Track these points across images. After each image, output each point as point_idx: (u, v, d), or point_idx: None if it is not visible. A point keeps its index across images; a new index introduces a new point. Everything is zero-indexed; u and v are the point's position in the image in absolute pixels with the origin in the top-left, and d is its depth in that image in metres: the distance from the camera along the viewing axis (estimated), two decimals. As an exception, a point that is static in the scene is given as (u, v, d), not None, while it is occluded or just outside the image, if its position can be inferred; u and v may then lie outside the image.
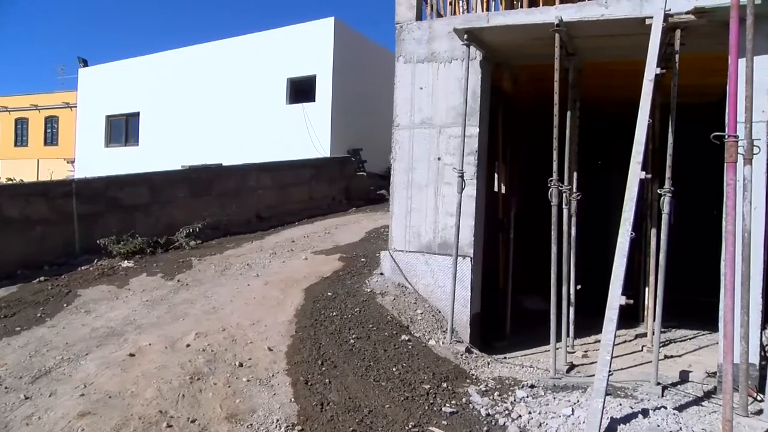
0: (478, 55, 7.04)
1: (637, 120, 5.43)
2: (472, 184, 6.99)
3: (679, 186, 6.15)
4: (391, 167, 7.67)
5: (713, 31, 5.73)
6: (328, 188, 15.62)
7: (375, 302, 7.01)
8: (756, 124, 5.33)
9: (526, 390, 5.69)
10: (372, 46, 20.01)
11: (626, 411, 4.93)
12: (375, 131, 17.97)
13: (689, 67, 6.41)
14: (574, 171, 6.99)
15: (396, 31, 7.61)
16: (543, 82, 6.64)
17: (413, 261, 7.40)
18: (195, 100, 20.49)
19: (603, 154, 12.19)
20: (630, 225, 5.04)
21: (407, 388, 5.46)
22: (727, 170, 4.74)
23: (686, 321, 8.68)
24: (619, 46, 6.70)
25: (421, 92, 7.41)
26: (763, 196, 5.73)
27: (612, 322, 4.82)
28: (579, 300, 7.32)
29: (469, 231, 7.02)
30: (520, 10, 7.23)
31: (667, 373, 6.42)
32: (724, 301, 4.87)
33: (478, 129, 7.04)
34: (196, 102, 20.44)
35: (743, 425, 5.00)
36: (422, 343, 6.49)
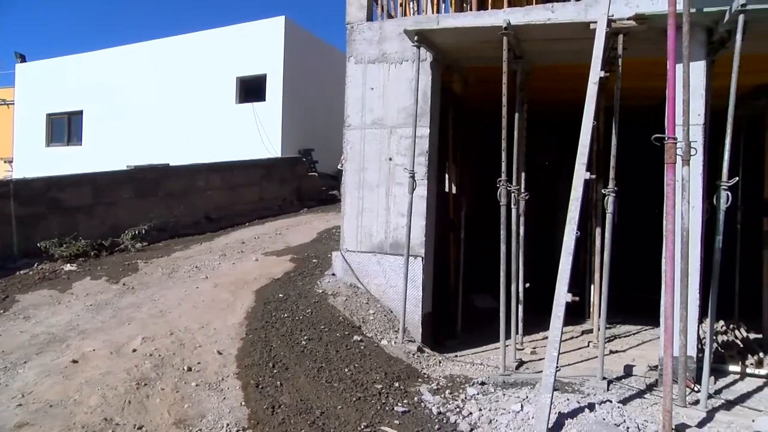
0: (428, 57, 7.09)
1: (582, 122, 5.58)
2: (423, 184, 7.05)
3: (622, 186, 6.36)
4: (343, 168, 7.65)
5: (653, 37, 5.94)
6: (279, 189, 15.47)
7: (327, 303, 6.98)
8: (693, 126, 5.56)
9: (477, 387, 5.77)
10: (323, 46, 19.91)
11: (573, 405, 5.05)
12: (327, 131, 17.91)
13: (632, 71, 6.62)
14: (522, 171, 7.15)
15: (347, 31, 7.60)
16: (492, 84, 6.74)
17: (365, 261, 7.40)
18: (141, 98, 19.95)
19: (550, 155, 12.48)
20: (575, 224, 5.17)
21: (359, 388, 5.46)
22: (667, 171, 4.92)
23: (630, 317, 8.97)
24: (565, 49, 6.87)
25: (372, 93, 7.42)
26: (700, 195, 5.98)
27: (559, 319, 4.93)
28: (528, 298, 7.47)
29: (421, 231, 7.07)
30: (470, 13, 7.33)
31: (612, 367, 6.62)
32: (665, 297, 5.05)
33: (429, 130, 7.10)
34: (143, 101, 19.91)
35: (682, 415, 5.21)
36: (374, 343, 6.50)
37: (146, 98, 19.84)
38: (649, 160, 7.00)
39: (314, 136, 18.46)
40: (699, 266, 5.94)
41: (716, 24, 5.92)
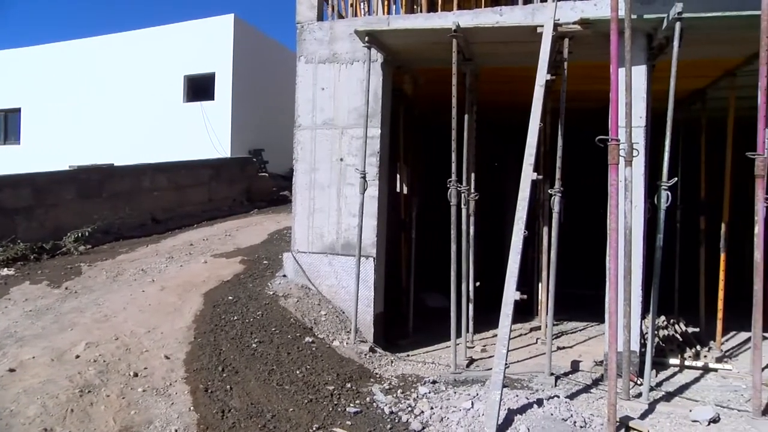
0: (379, 58, 7.11)
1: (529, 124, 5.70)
2: (374, 184, 7.06)
3: (569, 186, 6.52)
4: (294, 168, 7.59)
5: (598, 42, 6.11)
6: (229, 189, 15.22)
7: (278, 305, 6.91)
8: (635, 129, 5.76)
9: (429, 386, 5.81)
10: (274, 45, 19.70)
11: (522, 401, 5.15)
12: (278, 131, 17.71)
13: (577, 75, 6.82)
14: (472, 172, 7.24)
15: (297, 30, 7.54)
16: (442, 86, 6.81)
17: (316, 262, 7.36)
18: (85, 96, 19.28)
19: (500, 156, 12.70)
20: (523, 224, 5.27)
21: (311, 390, 5.42)
22: (611, 171, 5.07)
23: (577, 314, 9.21)
24: (513, 52, 7.00)
25: (323, 93, 7.38)
26: (642, 195, 6.19)
27: (507, 317, 5.02)
28: (479, 296, 7.58)
29: (372, 231, 7.08)
30: (420, 15, 7.38)
31: (560, 363, 6.79)
32: (609, 293, 5.21)
33: (380, 130, 7.12)
34: (86, 98, 19.24)
35: (625, 408, 5.38)
36: (326, 344, 6.47)
37: (90, 96, 19.20)
38: (594, 161, 7.19)
39: (265, 136, 18.25)
40: (641, 263, 6.15)
41: (656, 30, 6.15)
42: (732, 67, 7.32)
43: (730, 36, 6.15)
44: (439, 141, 8.64)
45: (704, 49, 6.57)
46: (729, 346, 7.79)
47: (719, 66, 7.45)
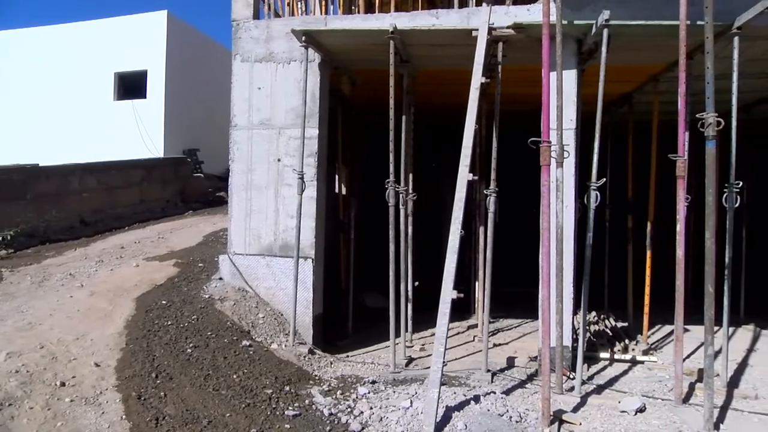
0: (316, 58, 7.07)
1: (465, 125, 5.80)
2: (312, 185, 7.02)
3: (504, 187, 6.67)
4: (230, 168, 7.45)
5: (531, 46, 6.28)
6: (162, 190, 14.80)
7: (214, 308, 6.76)
8: (566, 131, 5.94)
9: (368, 386, 5.82)
10: (209, 43, 19.30)
11: (460, 399, 5.24)
12: (213, 131, 17.36)
13: (511, 78, 6.97)
14: (410, 173, 7.30)
15: (232, 28, 7.40)
16: (380, 87, 6.85)
17: (254, 264, 7.25)
18: (7, 92, 18.32)
19: (437, 157, 12.85)
20: (459, 224, 5.36)
21: (249, 394, 5.33)
22: (543, 172, 5.21)
23: (513, 311, 9.43)
24: (450, 55, 7.10)
25: (259, 92, 7.28)
26: (572, 195, 6.40)
27: (445, 315, 5.09)
28: (418, 296, 7.65)
29: (311, 232, 7.03)
30: (357, 16, 7.39)
31: (496, 360, 6.93)
32: (542, 290, 5.36)
33: (318, 131, 7.08)
34: (9, 95, 18.28)
35: (559, 402, 5.54)
36: (264, 347, 6.38)
37: (13, 92, 18.24)
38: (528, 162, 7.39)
39: (200, 135, 17.85)
40: (573, 262, 6.35)
41: (585, 36, 6.37)
42: (655, 73, 7.67)
43: (653, 43, 6.44)
44: (377, 142, 8.67)
45: (630, 55, 6.85)
46: (655, 339, 8.16)
47: (644, 72, 7.79)
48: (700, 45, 5.21)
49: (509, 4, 6.68)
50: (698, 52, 5.82)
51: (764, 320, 8.84)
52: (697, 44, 5.72)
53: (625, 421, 5.19)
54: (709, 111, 4.98)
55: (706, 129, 4.99)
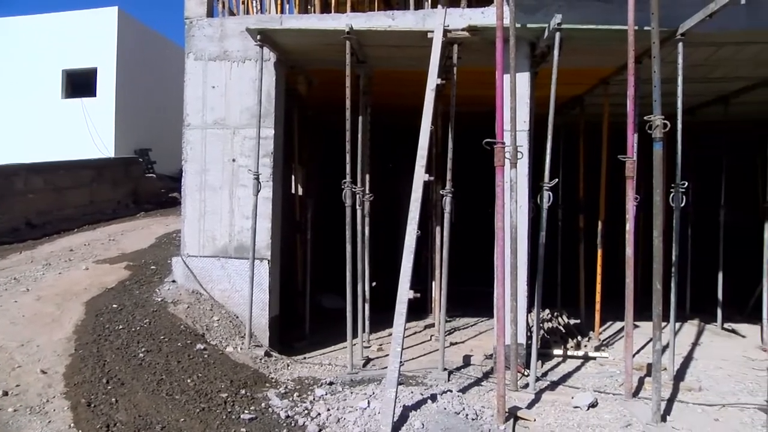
0: (272, 57, 7.01)
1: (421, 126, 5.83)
2: (268, 186, 6.95)
3: (460, 187, 6.73)
4: (183, 169, 7.31)
5: (485, 48, 6.36)
6: (113, 191, 14.41)
7: (167, 312, 6.62)
8: (519, 132, 6.03)
9: (325, 388, 5.79)
10: (161, 40, 18.90)
11: (417, 398, 5.26)
12: (166, 130, 16.98)
13: (466, 80, 7.06)
14: (367, 173, 7.29)
15: (185, 26, 7.27)
16: (336, 87, 6.83)
17: (208, 266, 7.13)
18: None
19: (394, 157, 12.90)
20: (416, 224, 5.39)
21: (204, 398, 5.23)
22: (497, 173, 5.29)
23: (469, 310, 9.54)
24: (406, 56, 7.13)
25: (213, 91, 7.17)
26: (526, 195, 6.51)
27: (402, 315, 5.11)
28: (375, 296, 7.65)
29: (266, 233, 6.96)
30: (313, 16, 7.36)
31: (453, 358, 6.99)
32: (497, 289, 5.44)
33: (274, 131, 7.01)
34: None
35: (514, 398, 5.63)
36: (219, 350, 6.29)
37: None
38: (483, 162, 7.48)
39: (152, 135, 17.45)
40: (527, 260, 6.47)
41: (538, 39, 6.50)
42: (606, 76, 7.88)
43: (603, 47, 6.60)
44: (334, 142, 8.63)
45: (582, 58, 7.01)
46: (606, 336, 8.38)
47: (595, 75, 7.99)
48: (647, 49, 5.38)
49: (464, 7, 6.75)
50: (646, 56, 6.01)
51: (709, 315, 9.18)
52: (644, 49, 5.90)
53: (578, 416, 5.31)
54: (656, 113, 5.13)
55: (653, 131, 5.14)
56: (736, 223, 9.72)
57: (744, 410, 5.50)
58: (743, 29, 6.14)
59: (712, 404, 5.66)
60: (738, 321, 9.17)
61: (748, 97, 8.69)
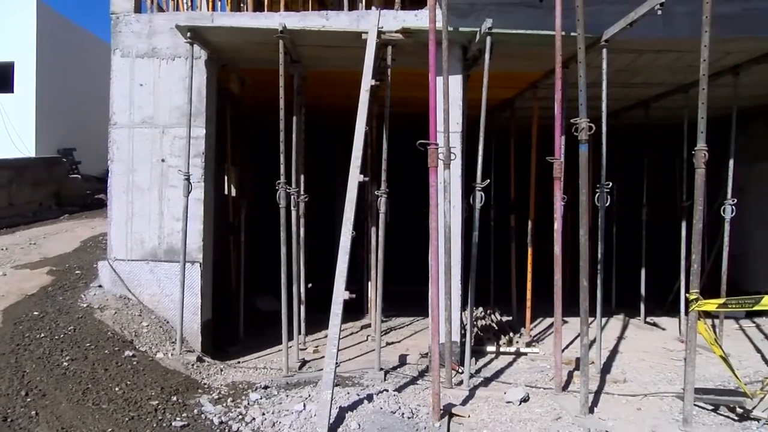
0: (203, 55, 6.85)
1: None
2: (199, 186, 6.78)
3: (395, 188, 6.78)
4: (110, 169, 7.04)
5: (419, 50, 6.41)
6: (33, 193, 13.71)
7: (93, 318, 6.36)
8: (452, 134, 6.14)
9: (260, 392, 5.71)
10: (86, 35, 18.16)
11: (353, 398, 5.27)
12: (91, 129, 16.32)
13: (401, 81, 7.11)
14: (302, 174, 7.24)
15: (111, 21, 7.00)
16: (270, 86, 6.75)
17: (137, 270, 6.89)
18: None
19: (331, 157, 12.85)
20: (351, 224, 5.39)
21: (133, 407, 5.06)
22: (431, 174, 5.35)
23: (405, 309, 9.60)
24: (341, 56, 7.12)
25: (141, 89, 6.94)
26: (459, 196, 6.63)
27: (337, 316, 5.10)
28: (311, 297, 7.60)
29: (198, 235, 6.79)
30: (246, 14, 7.24)
31: (389, 358, 7.03)
32: (431, 288, 5.50)
33: (205, 130, 6.86)
34: None
35: (449, 396, 5.72)
36: (149, 357, 6.09)
37: None
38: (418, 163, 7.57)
39: (77, 134, 16.72)
40: (460, 260, 6.58)
41: (470, 42, 6.63)
42: (535, 80, 8.12)
43: (532, 52, 6.80)
44: (269, 142, 8.52)
45: (512, 62, 7.20)
46: (537, 331, 8.63)
47: (525, 79, 8.22)
48: (574, 55, 5.56)
49: (398, 9, 6.80)
50: (573, 61, 6.22)
51: (632, 310, 9.60)
52: (571, 54, 6.10)
53: (510, 411, 5.44)
54: (582, 117, 5.33)
55: (579, 133, 5.34)
56: (657, 221, 10.23)
57: (663, 398, 5.79)
58: (660, 38, 6.46)
59: (635, 394, 5.92)
60: (659, 315, 9.64)
61: (667, 102, 9.16)
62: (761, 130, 10.24)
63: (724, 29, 5.97)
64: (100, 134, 8.88)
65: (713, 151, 5.03)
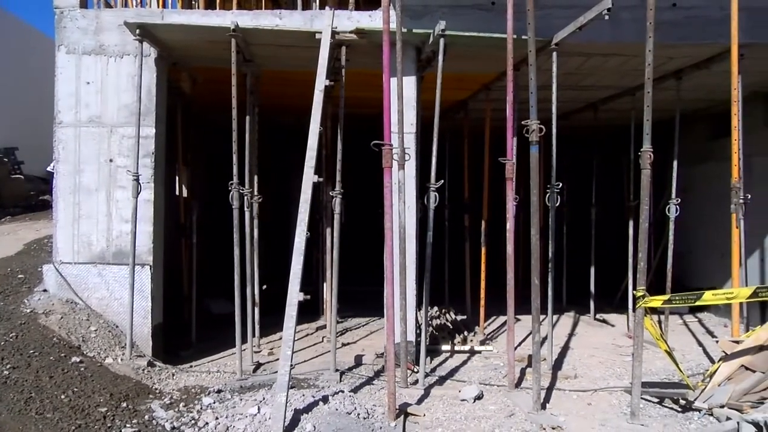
0: (152, 53, 6.70)
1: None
2: (149, 187, 6.63)
3: (350, 188, 6.78)
4: (55, 170, 6.81)
5: (373, 51, 6.43)
6: (-27, 194, 13.14)
7: (37, 324, 6.13)
8: (407, 135, 6.18)
9: (213, 396, 5.62)
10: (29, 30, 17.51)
11: (309, 400, 5.23)
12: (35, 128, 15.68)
13: (355, 82, 7.10)
14: (255, 174, 7.16)
15: (56, 16, 6.77)
16: (222, 85, 6.64)
17: (84, 273, 6.68)
18: None
19: (286, 158, 12.74)
20: (305, 225, 5.36)
21: (80, 415, 4.90)
22: (385, 174, 5.37)
23: (361, 310, 9.61)
24: (295, 56, 7.07)
25: (88, 87, 6.74)
26: (413, 196, 6.67)
27: (292, 318, 5.07)
28: (266, 299, 7.53)
29: (148, 237, 6.64)
30: (197, 11, 7.13)
31: (345, 359, 7.02)
32: (387, 288, 5.52)
33: (155, 129, 6.71)
34: None
35: (404, 395, 5.75)
36: (97, 362, 5.92)
37: None
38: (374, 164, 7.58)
39: (19, 132, 16.06)
40: (415, 260, 6.62)
41: (424, 44, 6.67)
42: (488, 82, 8.23)
43: (484, 54, 6.89)
44: (222, 142, 8.39)
45: (465, 64, 7.28)
46: (491, 330, 8.76)
47: (477, 80, 8.33)
48: (525, 58, 5.66)
49: (352, 9, 6.80)
50: (524, 64, 6.33)
51: (583, 307, 9.85)
52: (523, 57, 6.21)
53: (465, 409, 5.50)
54: (532, 118, 5.43)
55: (530, 135, 5.44)
56: (606, 221, 10.52)
57: (612, 393, 5.96)
58: (608, 42, 6.65)
59: (585, 390, 6.07)
60: (608, 312, 9.91)
61: (614, 105, 9.43)
62: (702, 133, 10.65)
63: (667, 35, 6.20)
64: (45, 133, 8.59)
65: (658, 153, 5.21)
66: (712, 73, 7.30)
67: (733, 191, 6.36)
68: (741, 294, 5.45)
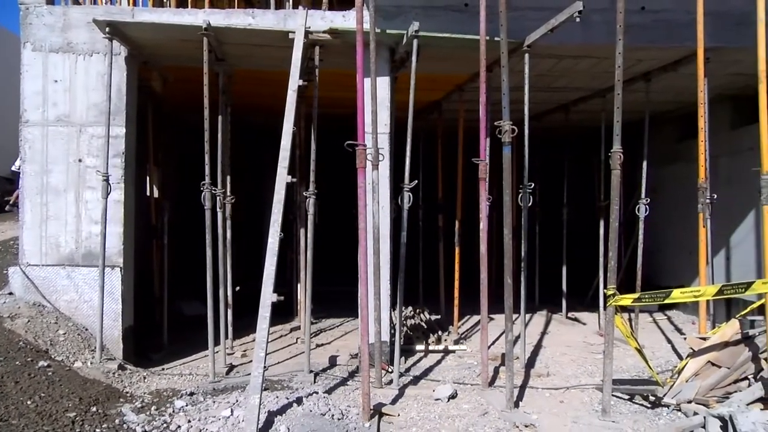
0: (123, 51, 6.60)
1: (283, 127, 5.78)
2: (119, 188, 6.53)
3: (325, 189, 6.75)
4: (21, 170, 6.66)
5: (347, 51, 6.41)
6: (-64, 195, 12.80)
7: (2, 328, 5.97)
8: (381, 135, 6.17)
9: (185, 399, 5.55)
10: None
11: (282, 402, 5.20)
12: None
13: (329, 82, 7.10)
14: (228, 174, 7.10)
15: (21, 12, 6.62)
16: (194, 85, 6.56)
17: (52, 276, 6.55)
18: None
19: (260, 158, 12.66)
20: (278, 226, 5.32)
21: (47, 420, 4.79)
22: (359, 174, 5.37)
23: (335, 311, 9.59)
24: (268, 56, 7.03)
25: (56, 85, 6.60)
26: (387, 196, 6.68)
27: (265, 319, 5.03)
28: (240, 301, 7.46)
29: (118, 239, 6.53)
30: (168, 10, 7.02)
31: (319, 360, 7.00)
32: (361, 289, 5.52)
33: (125, 129, 6.60)
34: None
35: (379, 395, 5.75)
36: (66, 366, 5.80)
37: None
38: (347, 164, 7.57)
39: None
40: (389, 260, 6.63)
41: (397, 45, 6.69)
42: (461, 83, 8.28)
43: (457, 55, 6.92)
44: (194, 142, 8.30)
45: (438, 65, 7.31)
46: (465, 329, 8.82)
47: (451, 81, 8.37)
48: (498, 59, 5.71)
49: (325, 9, 6.78)
50: (496, 65, 6.38)
51: (555, 306, 9.97)
52: (495, 58, 6.26)
53: (439, 408, 5.53)
54: (505, 119, 5.48)
55: (503, 135, 5.49)
56: (577, 220, 10.66)
57: (584, 391, 6.04)
58: (578, 44, 6.73)
59: (558, 388, 6.15)
60: (580, 310, 10.05)
61: (586, 106, 9.56)
62: (670, 134, 10.87)
63: (636, 38, 6.32)
64: (10, 133, 8.40)
65: (628, 154, 5.30)
66: (679, 75, 7.44)
67: (700, 191, 6.50)
68: (707, 292, 5.58)
